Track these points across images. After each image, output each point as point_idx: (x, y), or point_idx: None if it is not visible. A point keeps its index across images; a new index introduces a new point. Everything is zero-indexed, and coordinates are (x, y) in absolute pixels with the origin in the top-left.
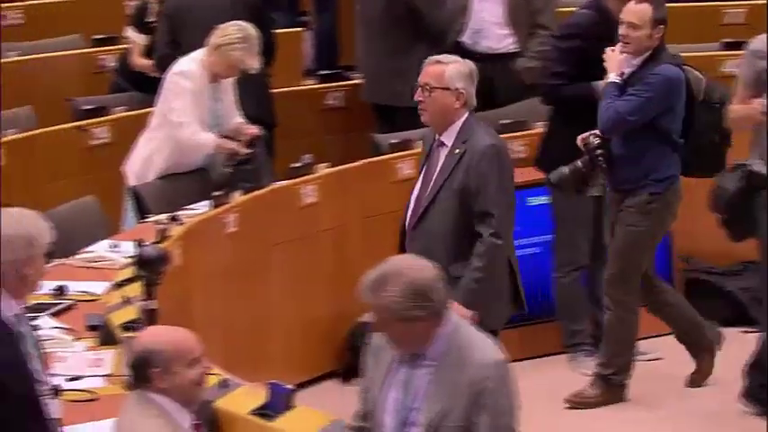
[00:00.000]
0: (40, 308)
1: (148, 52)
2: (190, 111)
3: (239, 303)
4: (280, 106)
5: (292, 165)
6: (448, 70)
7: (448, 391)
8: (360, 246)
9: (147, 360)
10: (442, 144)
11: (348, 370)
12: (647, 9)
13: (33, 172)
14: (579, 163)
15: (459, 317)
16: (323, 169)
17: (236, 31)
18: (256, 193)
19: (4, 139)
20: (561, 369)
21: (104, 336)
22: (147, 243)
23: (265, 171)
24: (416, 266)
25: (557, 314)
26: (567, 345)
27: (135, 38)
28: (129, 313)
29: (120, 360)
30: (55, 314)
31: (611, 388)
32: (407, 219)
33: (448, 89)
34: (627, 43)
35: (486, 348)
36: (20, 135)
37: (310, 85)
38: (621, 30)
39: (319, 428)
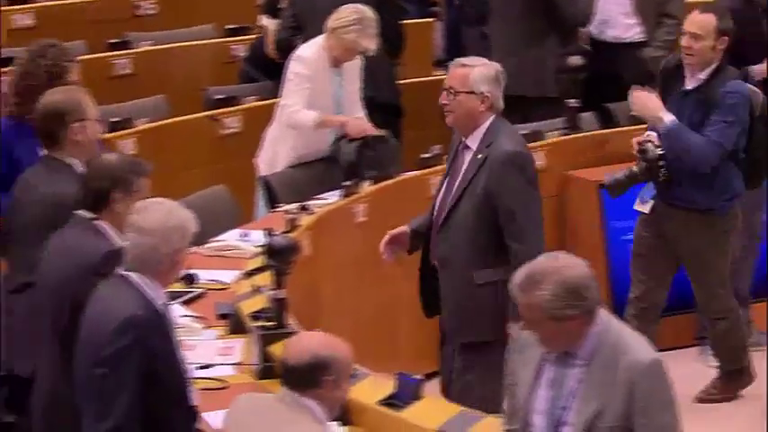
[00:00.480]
0: (172, 296)
1: None
2: (294, 93)
3: (368, 293)
4: (409, 96)
5: (422, 155)
6: (472, 74)
7: (601, 390)
8: None
9: (327, 366)
10: (467, 147)
11: None
12: (710, 19)
13: (165, 161)
14: (635, 169)
15: (609, 315)
16: None
17: (350, 14)
18: (386, 183)
19: (137, 128)
20: (690, 362)
21: (234, 324)
22: (277, 232)
23: (393, 160)
24: (569, 264)
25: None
26: (698, 337)
27: (268, 24)
28: (259, 302)
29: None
30: (185, 302)
31: (734, 381)
32: (433, 222)
33: (473, 93)
34: (690, 54)
35: (639, 347)
36: (152, 124)
37: (440, 75)
38: (684, 41)
39: (447, 419)
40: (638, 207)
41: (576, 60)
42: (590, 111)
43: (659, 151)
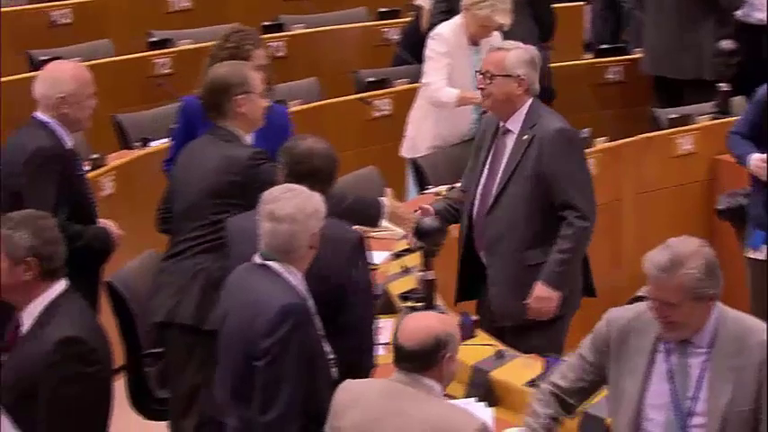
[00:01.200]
0: None
1: None
2: (434, 71)
3: None
4: (559, 80)
5: None
6: (508, 57)
7: (732, 376)
8: (634, 221)
9: (446, 343)
10: (508, 131)
11: None
12: None
13: None
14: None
15: (719, 303)
16: (600, 143)
17: None
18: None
19: (290, 110)
20: None
21: (384, 305)
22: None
23: None
24: (703, 244)
25: None
26: None
27: (424, 3)
28: (408, 283)
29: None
30: None
31: None
32: (475, 208)
33: (509, 76)
34: None
35: (764, 326)
36: (305, 106)
37: (590, 59)
38: None
39: (596, 401)
40: (750, 255)
41: (728, 44)
42: (739, 95)
43: None
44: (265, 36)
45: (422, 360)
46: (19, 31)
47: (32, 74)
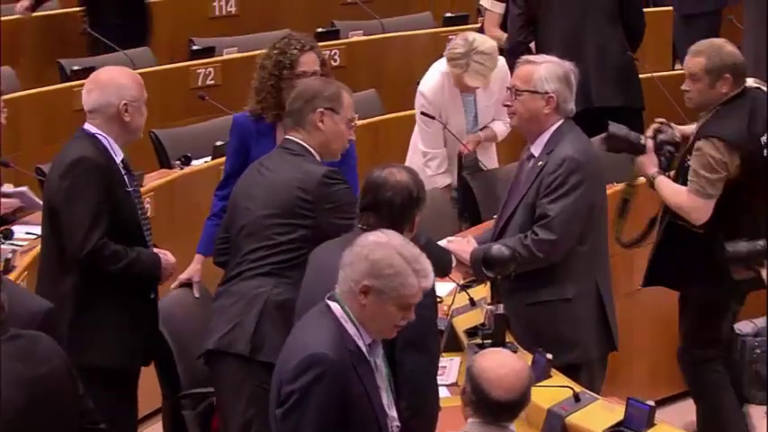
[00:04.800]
0: None
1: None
2: (429, 138)
3: None
4: (649, 90)
5: None
6: (537, 71)
7: None
8: None
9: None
10: (532, 156)
11: None
12: None
13: (378, 160)
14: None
15: None
16: None
17: (458, 45)
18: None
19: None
20: None
21: (448, 341)
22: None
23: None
24: None
25: None
26: None
27: (491, 6)
28: (475, 317)
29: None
30: None
31: None
32: (494, 238)
33: (536, 92)
34: None
35: None
36: (364, 121)
37: (679, 69)
38: None
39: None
40: None
41: None
42: None
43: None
44: (320, 44)
45: (519, 407)
46: (49, 38)
47: (66, 84)
